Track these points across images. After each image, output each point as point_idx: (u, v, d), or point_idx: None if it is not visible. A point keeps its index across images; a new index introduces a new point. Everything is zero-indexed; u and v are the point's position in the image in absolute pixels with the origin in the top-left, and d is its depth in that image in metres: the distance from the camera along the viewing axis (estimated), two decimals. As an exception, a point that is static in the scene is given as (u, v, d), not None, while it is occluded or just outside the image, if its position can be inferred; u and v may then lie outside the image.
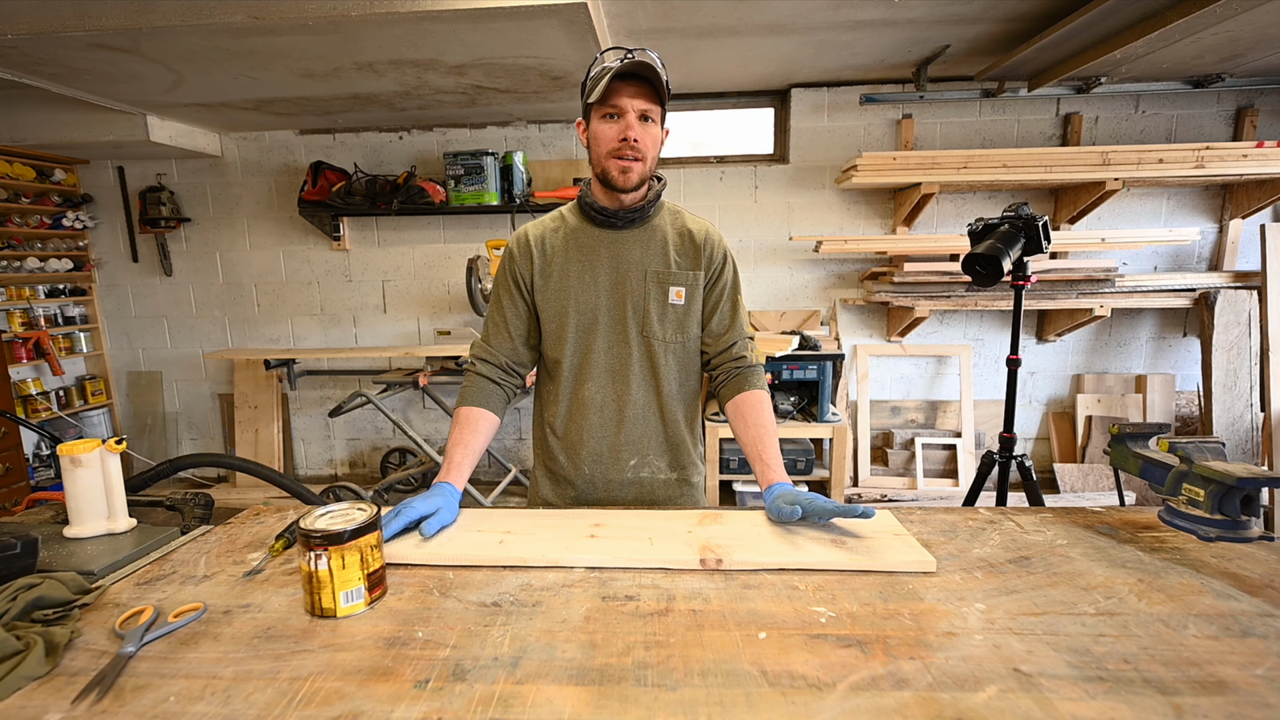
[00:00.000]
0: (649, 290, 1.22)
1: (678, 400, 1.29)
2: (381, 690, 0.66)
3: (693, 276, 1.24)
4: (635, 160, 1.14)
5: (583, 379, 1.25)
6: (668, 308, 1.23)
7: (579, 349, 1.25)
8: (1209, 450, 0.99)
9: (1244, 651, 0.70)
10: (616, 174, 1.15)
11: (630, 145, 1.12)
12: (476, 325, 3.70)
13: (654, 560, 0.92)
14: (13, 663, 0.69)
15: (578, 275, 1.23)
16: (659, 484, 1.30)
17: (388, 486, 3.35)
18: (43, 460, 3.61)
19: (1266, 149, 2.89)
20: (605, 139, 1.14)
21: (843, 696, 0.63)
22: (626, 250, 1.23)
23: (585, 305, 1.23)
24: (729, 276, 1.28)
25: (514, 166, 3.32)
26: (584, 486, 1.30)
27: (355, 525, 0.81)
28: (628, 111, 1.11)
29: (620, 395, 1.25)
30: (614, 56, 1.10)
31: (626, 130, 1.12)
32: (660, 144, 1.19)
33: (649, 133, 1.14)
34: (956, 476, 3.45)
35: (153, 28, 2.04)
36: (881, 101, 3.30)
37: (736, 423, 1.23)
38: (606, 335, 1.24)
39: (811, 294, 3.59)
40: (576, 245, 1.24)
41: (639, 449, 1.28)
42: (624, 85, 1.11)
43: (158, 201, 3.61)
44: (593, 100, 1.12)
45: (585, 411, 1.26)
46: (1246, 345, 3.10)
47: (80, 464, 1.03)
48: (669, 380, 1.26)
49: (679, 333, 1.25)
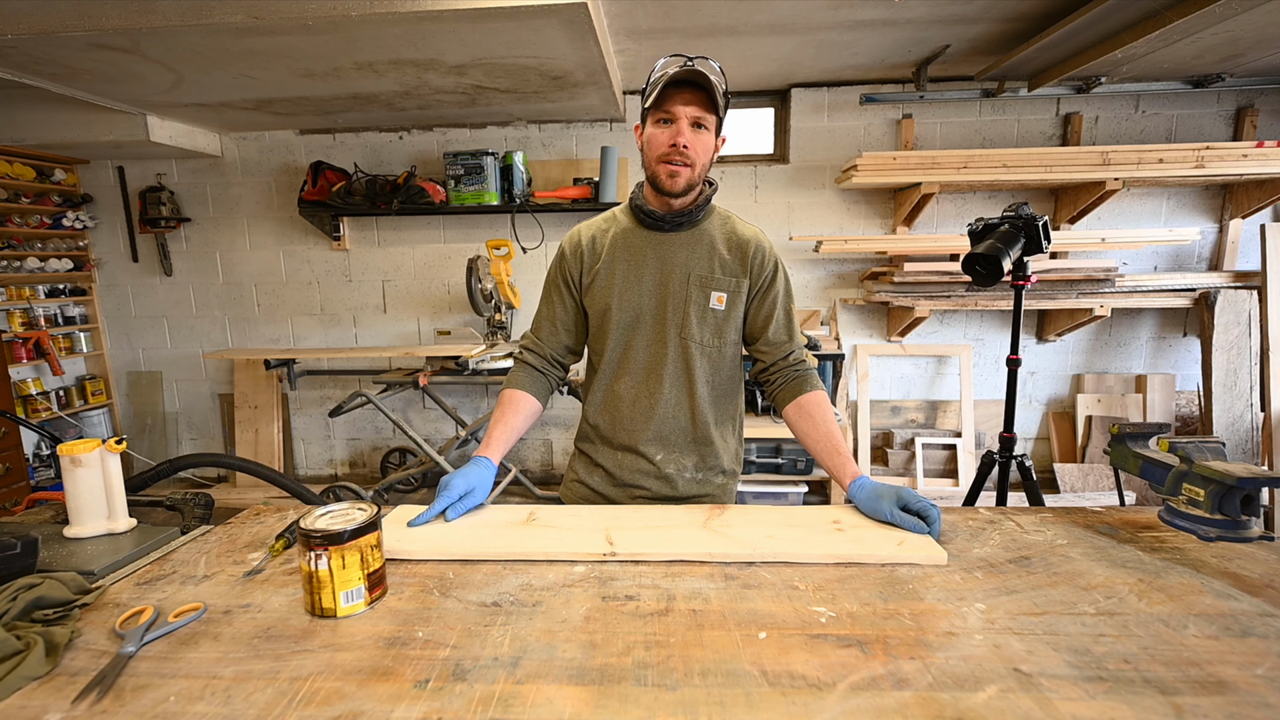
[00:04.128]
0: (690, 293, 1.24)
1: (709, 402, 1.30)
2: (381, 690, 0.66)
3: (736, 283, 1.25)
4: (684, 166, 1.15)
5: (620, 374, 1.30)
6: (707, 312, 1.25)
7: (619, 345, 1.29)
8: (1209, 450, 0.99)
9: (1244, 651, 0.70)
10: (665, 178, 1.17)
11: (679, 151, 1.14)
12: (477, 325, 3.70)
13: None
14: (13, 663, 0.69)
15: (623, 274, 1.26)
16: (685, 481, 1.32)
17: (388, 486, 3.35)
18: (43, 460, 3.61)
19: (1266, 149, 2.89)
20: (657, 144, 1.16)
21: (843, 696, 0.63)
22: (672, 253, 1.25)
23: (629, 304, 1.26)
24: (781, 285, 1.29)
25: (514, 166, 3.32)
26: (615, 471, 1.34)
27: (355, 525, 0.81)
28: (680, 118, 1.14)
29: (653, 392, 1.28)
30: (674, 63, 1.12)
31: (677, 136, 1.14)
32: (713, 151, 1.20)
33: (700, 140, 1.16)
34: (956, 476, 3.45)
35: (153, 28, 2.04)
36: (881, 101, 3.30)
37: (803, 422, 1.25)
38: (646, 334, 1.27)
39: (811, 294, 3.59)
40: (625, 245, 1.27)
41: (666, 445, 1.30)
42: (679, 92, 1.13)
43: (158, 201, 3.61)
44: (648, 105, 1.15)
45: (619, 404, 1.30)
46: (1246, 345, 3.10)
47: (80, 464, 1.03)
48: (702, 382, 1.29)
49: (716, 337, 1.27)
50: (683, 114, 1.13)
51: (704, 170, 1.19)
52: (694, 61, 1.10)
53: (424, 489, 3.84)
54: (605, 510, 1.14)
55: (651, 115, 1.16)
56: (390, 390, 3.25)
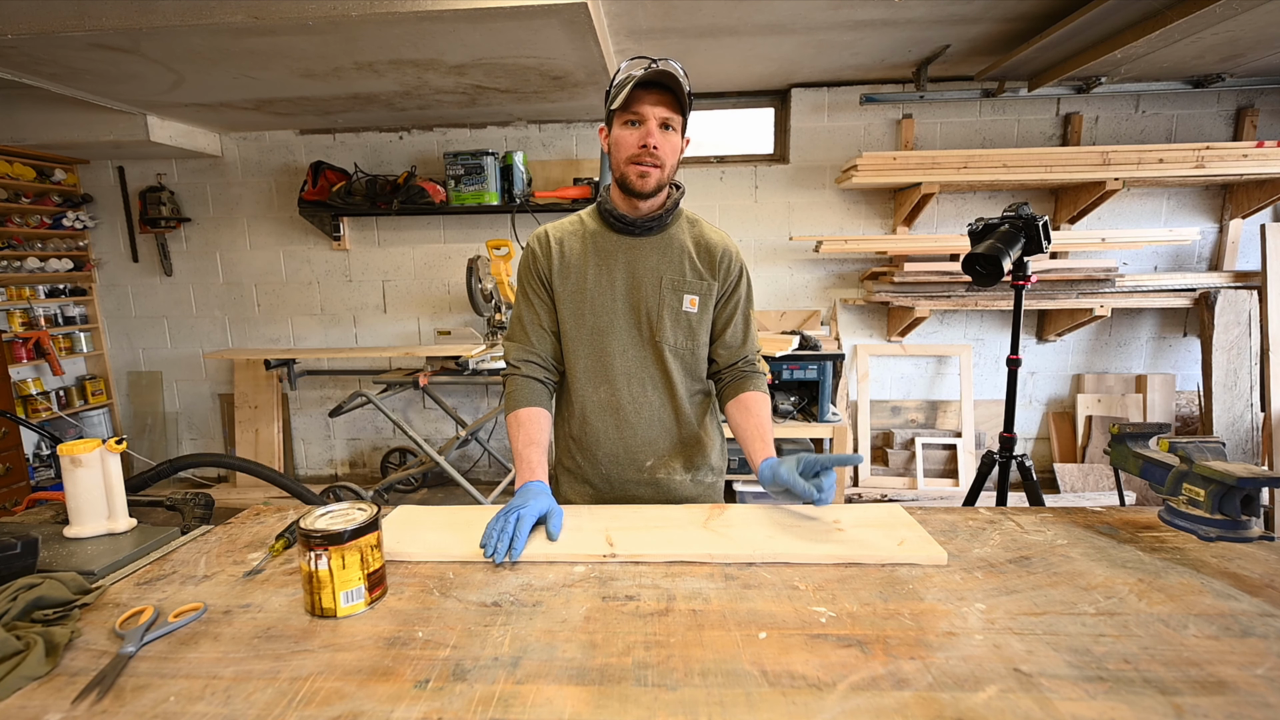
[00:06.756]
0: (663, 297, 1.24)
1: (690, 404, 1.30)
2: (381, 690, 0.66)
3: (706, 286, 1.26)
4: (654, 167, 1.15)
5: (598, 382, 1.27)
6: (681, 315, 1.25)
7: (593, 352, 1.26)
8: (1209, 450, 0.99)
9: (1244, 651, 0.70)
10: (635, 179, 1.16)
11: (649, 152, 1.14)
12: (477, 325, 3.70)
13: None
14: (13, 663, 0.69)
15: (594, 279, 1.25)
16: (675, 485, 1.32)
17: (388, 486, 3.35)
18: (43, 460, 3.61)
19: (1266, 149, 2.89)
20: (626, 145, 1.16)
21: (843, 696, 0.63)
22: (643, 257, 1.25)
23: (601, 309, 1.25)
24: (744, 291, 1.30)
25: (514, 166, 3.32)
26: (602, 485, 1.32)
27: (355, 525, 0.81)
28: (649, 119, 1.14)
29: (636, 398, 1.27)
30: (638, 65, 1.12)
31: (647, 137, 1.14)
32: (680, 152, 1.21)
33: (669, 141, 1.16)
34: (957, 476, 3.45)
35: (153, 28, 2.04)
36: (881, 101, 3.30)
37: (738, 413, 1.26)
38: (621, 339, 1.26)
39: (812, 294, 3.59)
40: (594, 250, 1.26)
41: (654, 450, 1.30)
42: (646, 93, 1.13)
43: (158, 201, 3.61)
44: (615, 107, 1.15)
45: (601, 413, 1.28)
46: (1246, 345, 3.10)
47: (80, 464, 1.03)
48: (680, 384, 1.28)
49: (689, 339, 1.27)
50: (651, 115, 1.13)
51: (672, 171, 1.20)
52: (659, 63, 1.10)
53: (424, 489, 3.84)
54: (605, 511, 1.14)
55: (619, 117, 1.16)
56: (390, 390, 3.25)
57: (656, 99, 1.13)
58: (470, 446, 3.87)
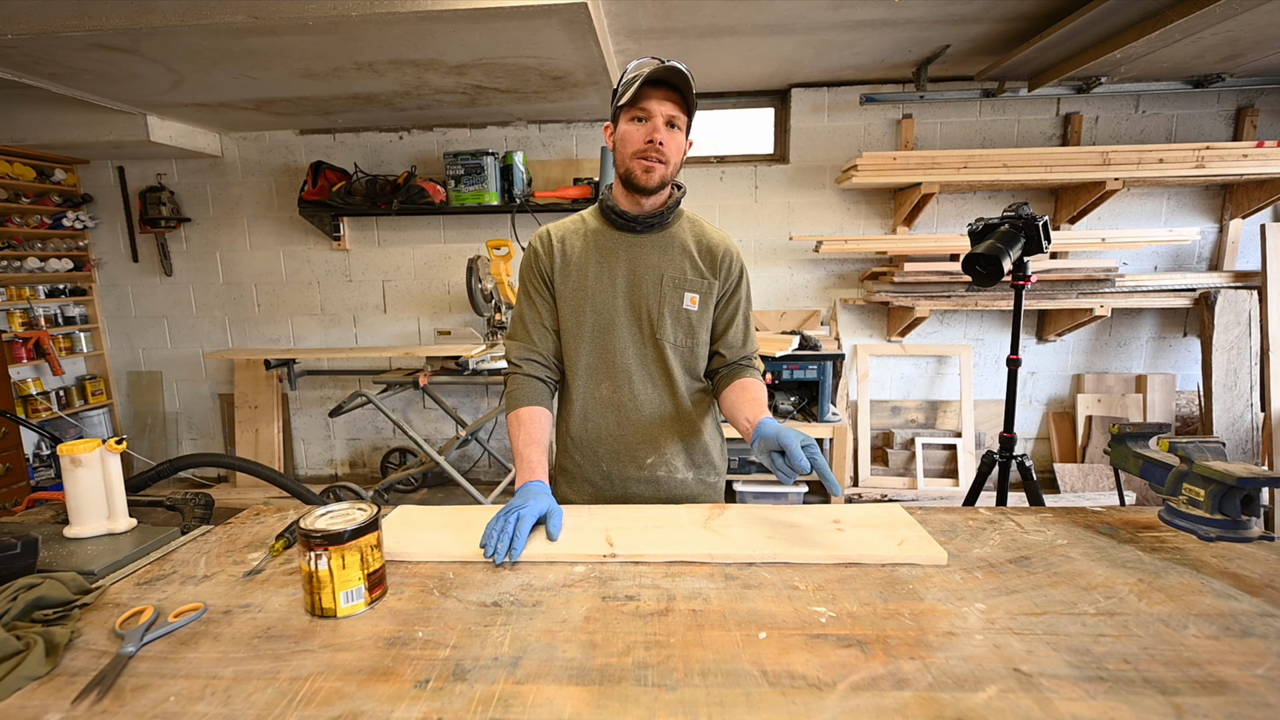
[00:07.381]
0: (664, 294, 1.24)
1: (690, 402, 1.31)
2: (381, 690, 0.66)
3: (707, 285, 1.26)
4: (659, 162, 1.16)
5: (599, 379, 1.28)
6: (681, 312, 1.26)
7: (595, 349, 1.27)
8: (1209, 450, 0.99)
9: (1244, 651, 0.70)
10: (640, 173, 1.17)
11: (655, 147, 1.15)
12: (477, 325, 3.70)
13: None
14: (13, 663, 0.69)
15: (595, 276, 1.25)
16: (676, 483, 1.32)
17: (388, 486, 3.35)
18: (43, 460, 3.61)
19: (1266, 149, 2.89)
20: (632, 140, 1.16)
21: (843, 696, 0.63)
22: (645, 254, 1.25)
23: (602, 306, 1.25)
24: (744, 292, 1.31)
25: (514, 166, 3.32)
26: (602, 483, 1.32)
27: (355, 525, 0.81)
28: (655, 115, 1.15)
29: (637, 395, 1.27)
30: (648, 64, 1.13)
31: (653, 133, 1.15)
32: (684, 152, 1.22)
33: (674, 139, 1.17)
34: (957, 476, 3.45)
35: (153, 28, 2.04)
36: (881, 101, 3.30)
37: (734, 392, 1.25)
38: (622, 337, 1.26)
39: (811, 294, 3.59)
40: (596, 247, 1.27)
41: (655, 447, 1.30)
42: (654, 90, 1.14)
43: (158, 201, 3.61)
44: (623, 103, 1.16)
45: (602, 410, 1.29)
46: (1246, 345, 3.10)
47: (80, 464, 1.03)
48: (680, 381, 1.29)
49: (689, 337, 1.27)
50: (658, 111, 1.14)
51: (676, 169, 1.21)
52: (667, 62, 1.11)
53: (424, 489, 3.84)
54: (605, 511, 1.14)
55: (626, 113, 1.17)
56: (390, 390, 3.25)
57: (664, 96, 1.14)
58: (470, 446, 3.87)
